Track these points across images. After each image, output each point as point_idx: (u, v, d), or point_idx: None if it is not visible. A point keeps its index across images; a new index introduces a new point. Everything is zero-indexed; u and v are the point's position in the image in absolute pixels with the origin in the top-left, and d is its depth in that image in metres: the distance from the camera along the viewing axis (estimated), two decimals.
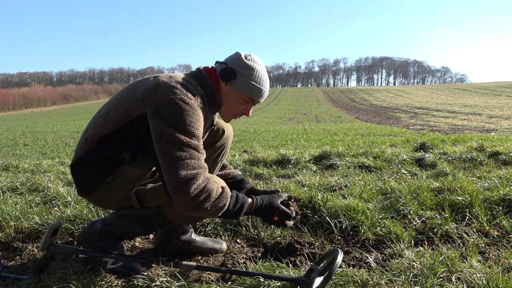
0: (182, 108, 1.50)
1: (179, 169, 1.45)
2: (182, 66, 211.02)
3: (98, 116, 1.69)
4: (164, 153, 1.47)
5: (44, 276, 1.61)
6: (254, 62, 1.68)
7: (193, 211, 1.48)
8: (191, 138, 1.50)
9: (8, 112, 69.29)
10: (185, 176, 1.45)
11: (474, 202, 2.41)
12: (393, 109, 38.43)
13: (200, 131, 1.56)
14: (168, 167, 1.46)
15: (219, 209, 1.53)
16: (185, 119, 1.50)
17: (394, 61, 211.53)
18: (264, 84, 1.71)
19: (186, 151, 1.48)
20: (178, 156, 1.46)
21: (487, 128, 14.16)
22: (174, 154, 1.46)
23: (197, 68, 1.74)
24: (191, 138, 1.50)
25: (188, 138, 1.49)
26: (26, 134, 16.05)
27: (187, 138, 1.49)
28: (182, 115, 1.50)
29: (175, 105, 1.50)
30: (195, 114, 1.53)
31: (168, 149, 1.47)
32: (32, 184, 3.25)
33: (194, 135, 1.52)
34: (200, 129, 1.55)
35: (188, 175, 1.45)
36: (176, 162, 1.46)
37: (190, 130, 1.50)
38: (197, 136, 1.53)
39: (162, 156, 1.48)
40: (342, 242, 2.10)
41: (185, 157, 1.47)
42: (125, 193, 1.67)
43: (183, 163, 1.46)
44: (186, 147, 1.48)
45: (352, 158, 4.52)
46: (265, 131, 15.70)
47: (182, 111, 1.50)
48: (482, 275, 1.51)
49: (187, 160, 1.47)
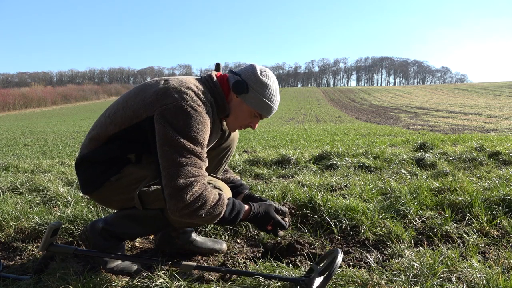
0: (190, 115, 1.50)
1: (178, 175, 1.45)
2: (182, 66, 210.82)
3: (105, 116, 1.69)
4: (166, 157, 1.47)
5: (44, 276, 1.61)
6: (268, 79, 1.69)
7: (188, 217, 1.47)
8: (195, 145, 1.50)
9: (8, 112, 69.29)
10: (182, 183, 1.44)
11: (474, 202, 2.41)
12: (393, 109, 38.43)
13: (206, 139, 1.55)
14: (168, 172, 1.46)
15: (214, 217, 1.53)
16: (192, 125, 1.50)
17: (394, 61, 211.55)
18: (275, 102, 1.73)
19: (188, 157, 1.48)
20: (179, 162, 1.46)
21: (487, 128, 14.16)
22: (175, 160, 1.46)
23: (208, 74, 1.74)
24: (195, 145, 1.50)
25: (192, 145, 1.49)
26: (26, 134, 16.05)
27: (191, 145, 1.49)
28: (189, 121, 1.49)
29: (184, 111, 1.50)
30: (202, 122, 1.53)
31: (171, 154, 1.46)
32: (32, 184, 3.25)
33: (199, 143, 1.51)
34: (205, 137, 1.55)
35: (186, 182, 1.45)
36: (176, 168, 1.45)
37: (195, 137, 1.50)
38: (201, 143, 1.52)
39: (163, 160, 1.48)
40: (342, 242, 2.10)
41: (186, 164, 1.47)
42: (128, 193, 1.67)
43: (183, 169, 1.46)
44: (189, 154, 1.48)
45: (352, 158, 4.52)
46: (265, 131, 15.70)
47: (190, 117, 1.50)
48: (482, 275, 1.51)
49: (188, 167, 1.47)
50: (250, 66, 1.71)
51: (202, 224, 1.61)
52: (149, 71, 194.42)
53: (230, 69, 1.75)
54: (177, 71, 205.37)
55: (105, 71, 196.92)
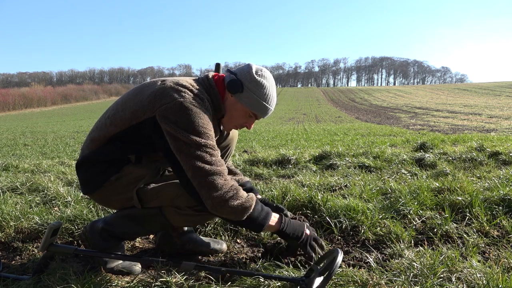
0: (192, 111, 1.51)
1: (203, 165, 1.46)
2: (182, 66, 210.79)
3: (105, 117, 1.70)
4: (183, 152, 1.48)
5: (44, 276, 1.61)
6: (263, 79, 1.67)
7: (220, 207, 1.47)
8: (206, 138, 1.51)
9: (8, 112, 69.27)
10: (210, 170, 1.46)
11: (474, 202, 2.41)
12: (393, 109, 38.42)
13: (212, 132, 1.56)
14: (190, 164, 1.47)
15: (244, 210, 1.52)
16: (197, 121, 1.51)
17: (394, 61, 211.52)
18: (270, 102, 1.70)
19: (204, 151, 1.49)
20: (198, 155, 1.47)
21: (487, 128, 14.16)
22: (193, 153, 1.47)
23: (205, 75, 1.74)
24: (206, 139, 1.51)
25: (204, 139, 1.50)
26: (26, 134, 16.05)
27: (203, 139, 1.50)
28: (193, 118, 1.50)
29: (185, 108, 1.50)
30: (204, 117, 1.54)
31: (187, 149, 1.48)
32: (32, 184, 3.25)
33: (208, 136, 1.53)
34: (212, 131, 1.56)
35: (214, 169, 1.47)
36: (198, 159, 1.47)
37: (203, 131, 1.51)
38: (210, 136, 1.54)
39: (182, 156, 1.48)
40: (342, 242, 2.09)
41: (205, 156, 1.49)
42: (128, 193, 1.67)
43: (205, 160, 1.48)
44: (203, 147, 1.49)
45: (352, 158, 4.51)
46: (265, 131, 15.69)
47: (193, 114, 1.51)
48: (482, 275, 1.50)
49: (208, 158, 1.49)
50: (246, 65, 1.71)
51: (233, 217, 1.53)
52: (149, 71, 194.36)
53: (227, 69, 1.74)
54: (177, 71, 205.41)
55: (105, 71, 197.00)
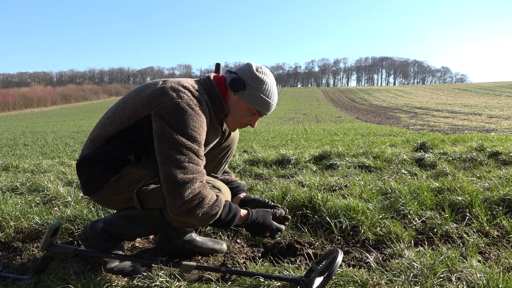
0: (187, 112, 1.52)
1: (177, 171, 1.45)
2: (182, 66, 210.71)
3: (105, 117, 1.72)
4: (164, 154, 1.48)
5: (44, 276, 1.61)
6: (264, 75, 1.70)
7: (184, 215, 1.47)
8: (192, 142, 1.51)
9: (8, 112, 69.26)
10: (181, 178, 1.45)
11: (474, 202, 2.41)
12: (393, 109, 38.42)
13: (202, 137, 1.56)
14: (166, 167, 1.46)
15: (210, 217, 1.53)
16: (189, 123, 1.51)
17: (394, 61, 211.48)
18: (272, 98, 1.73)
19: (186, 154, 1.48)
20: (177, 158, 1.47)
21: (487, 128, 14.17)
22: (173, 156, 1.47)
23: (207, 76, 1.76)
24: (192, 142, 1.51)
25: (190, 142, 1.50)
26: (26, 134, 16.05)
27: (189, 142, 1.50)
28: (186, 119, 1.51)
29: (180, 109, 1.51)
30: (198, 120, 1.54)
31: (168, 150, 1.47)
32: (32, 184, 3.25)
33: (196, 140, 1.52)
34: (202, 136, 1.56)
35: (185, 178, 1.45)
36: (174, 164, 1.46)
37: (192, 134, 1.51)
38: (198, 141, 1.53)
39: (161, 156, 1.48)
40: (342, 242, 2.10)
41: (184, 160, 1.47)
42: (128, 193, 1.67)
43: (181, 165, 1.46)
44: (186, 150, 1.49)
45: (352, 158, 4.52)
46: (265, 131, 15.70)
47: (187, 115, 1.51)
48: (482, 275, 1.50)
49: (185, 163, 1.47)
50: (246, 64, 1.73)
51: (198, 224, 1.61)
52: (149, 71, 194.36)
53: (227, 69, 1.76)
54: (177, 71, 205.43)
55: (105, 71, 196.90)
